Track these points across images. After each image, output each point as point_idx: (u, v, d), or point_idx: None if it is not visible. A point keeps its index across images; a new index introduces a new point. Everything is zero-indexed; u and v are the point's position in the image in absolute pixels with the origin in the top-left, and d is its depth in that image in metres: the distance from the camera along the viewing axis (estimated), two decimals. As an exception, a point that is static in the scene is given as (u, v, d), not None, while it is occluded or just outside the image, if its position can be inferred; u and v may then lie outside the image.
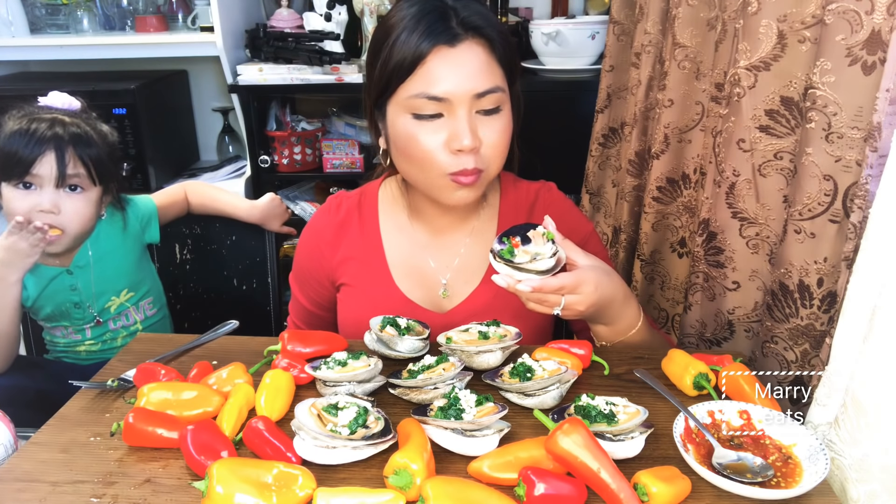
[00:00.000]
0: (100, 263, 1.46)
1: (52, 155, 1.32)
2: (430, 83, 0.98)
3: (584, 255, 1.00)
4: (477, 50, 0.99)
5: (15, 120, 1.34)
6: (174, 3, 2.43)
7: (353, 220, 1.20)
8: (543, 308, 0.97)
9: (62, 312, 1.46)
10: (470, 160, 1.00)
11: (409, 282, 1.18)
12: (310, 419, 0.82)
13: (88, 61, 2.40)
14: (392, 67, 1.00)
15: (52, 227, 1.34)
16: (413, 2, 1.02)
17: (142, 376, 0.98)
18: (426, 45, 0.97)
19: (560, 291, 0.95)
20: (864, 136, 0.96)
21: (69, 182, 1.35)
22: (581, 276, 0.96)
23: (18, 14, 2.36)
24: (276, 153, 2.24)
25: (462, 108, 0.98)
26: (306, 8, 2.35)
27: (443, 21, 0.98)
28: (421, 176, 1.05)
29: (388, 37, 1.01)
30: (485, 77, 0.99)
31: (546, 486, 0.73)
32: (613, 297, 1.01)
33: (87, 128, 1.38)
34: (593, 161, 1.89)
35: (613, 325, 1.07)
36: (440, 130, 1.00)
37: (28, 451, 0.86)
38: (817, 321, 1.08)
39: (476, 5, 1.02)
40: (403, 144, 1.03)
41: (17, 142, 1.31)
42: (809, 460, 0.80)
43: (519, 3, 2.37)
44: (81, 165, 1.36)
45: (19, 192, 1.34)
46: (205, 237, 1.70)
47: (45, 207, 1.33)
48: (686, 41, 1.37)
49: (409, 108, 1.00)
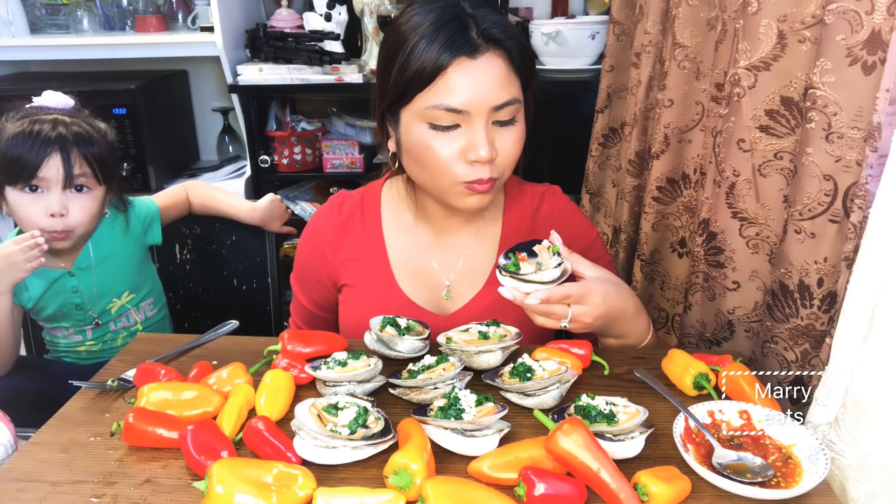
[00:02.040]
0: (102, 266, 1.46)
1: (57, 156, 1.31)
2: (449, 94, 0.97)
3: (592, 267, 1.00)
4: (497, 62, 0.98)
5: (14, 122, 1.33)
6: (174, 3, 2.43)
7: (356, 221, 1.20)
8: (551, 322, 0.96)
9: (63, 313, 1.46)
10: (486, 170, 1.00)
11: (411, 283, 1.18)
12: (310, 419, 0.82)
13: (88, 61, 2.40)
14: (410, 76, 0.98)
15: (59, 234, 1.34)
16: (430, 7, 1.00)
17: (142, 376, 0.98)
18: (446, 57, 0.96)
19: (566, 301, 0.94)
20: (864, 136, 0.96)
21: (76, 182, 1.35)
22: (588, 287, 0.95)
23: (18, 14, 2.36)
24: (276, 153, 2.24)
25: (480, 119, 0.98)
26: (306, 8, 2.35)
27: (463, 32, 0.97)
28: (433, 183, 1.05)
29: (404, 43, 0.99)
30: (503, 89, 0.98)
31: (546, 486, 0.73)
32: (623, 310, 1.01)
33: (87, 126, 1.38)
34: (593, 161, 1.89)
35: (623, 339, 1.06)
36: (456, 140, 0.99)
37: (28, 451, 0.86)
38: (817, 321, 1.07)
39: (495, 15, 1.01)
40: (418, 153, 1.02)
41: (21, 145, 1.30)
42: (809, 460, 0.80)
43: (519, 3, 2.37)
44: (86, 165, 1.35)
45: (26, 196, 1.33)
46: (205, 237, 1.70)
47: (55, 210, 1.33)
48: (686, 41, 1.37)
49: (426, 118, 0.99)
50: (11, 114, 1.36)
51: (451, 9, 0.99)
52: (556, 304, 0.94)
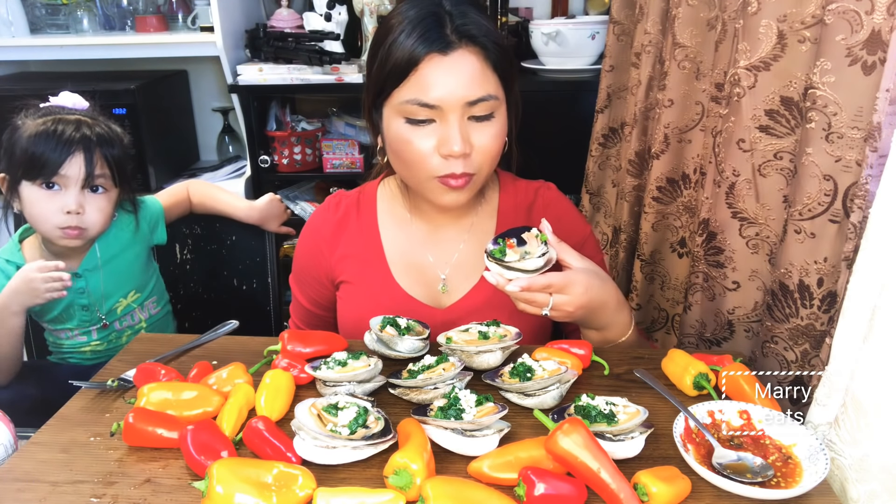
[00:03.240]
0: (108, 266, 1.46)
1: (80, 156, 1.32)
2: (422, 90, 0.99)
3: (578, 257, 1.01)
4: (470, 58, 1.00)
5: (35, 120, 1.34)
6: (174, 3, 2.43)
7: (352, 218, 1.21)
8: (532, 308, 0.98)
9: (69, 314, 1.46)
10: (459, 165, 1.01)
11: (408, 278, 1.18)
12: (310, 419, 0.82)
13: (88, 61, 2.40)
14: (387, 71, 1.01)
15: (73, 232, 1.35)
16: (412, 4, 1.02)
17: (142, 376, 0.98)
18: (419, 52, 0.98)
19: (548, 290, 0.96)
20: (864, 136, 0.96)
21: (94, 183, 1.36)
22: (570, 277, 0.97)
23: (18, 14, 2.36)
24: (276, 153, 2.24)
25: (454, 114, 0.99)
26: (306, 8, 2.35)
27: (438, 28, 0.99)
28: (412, 177, 1.07)
29: (385, 38, 1.02)
30: (477, 85, 0.99)
31: (546, 486, 0.73)
32: (605, 303, 1.02)
33: (108, 129, 1.39)
34: (593, 161, 1.89)
35: (604, 332, 1.07)
36: (432, 135, 1.01)
37: (28, 451, 0.86)
38: (817, 321, 1.08)
39: (472, 13, 1.02)
40: (397, 147, 1.04)
41: (46, 143, 1.31)
42: (809, 460, 0.80)
43: (519, 3, 2.37)
44: (106, 166, 1.37)
45: (43, 193, 1.34)
46: (205, 237, 1.70)
47: (72, 208, 1.33)
48: (686, 41, 1.37)
49: (403, 113, 1.01)
50: (31, 112, 1.36)
51: (431, 6, 1.01)
52: (538, 292, 0.96)
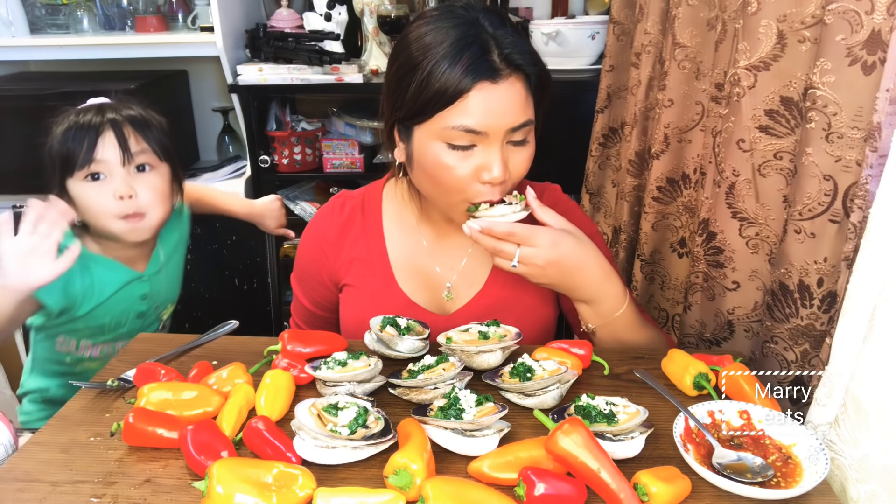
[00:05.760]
0: (166, 267, 1.38)
1: (111, 135, 1.24)
2: (468, 116, 0.97)
3: (557, 219, 1.03)
4: (517, 86, 0.99)
5: (61, 120, 1.27)
6: (174, 3, 2.43)
7: (357, 222, 1.20)
8: (501, 261, 1.00)
9: (118, 323, 1.33)
10: (496, 192, 1.01)
11: (412, 284, 1.18)
12: (310, 419, 0.82)
13: (88, 61, 2.39)
14: (430, 97, 0.97)
15: (135, 217, 1.26)
16: (448, 23, 0.99)
17: (142, 376, 0.98)
18: (468, 81, 0.95)
19: (510, 238, 0.98)
20: (864, 136, 0.96)
21: (136, 161, 1.27)
22: (537, 230, 0.99)
23: (18, 14, 2.36)
24: (276, 153, 2.24)
25: (496, 140, 0.99)
26: (306, 8, 2.35)
27: (485, 55, 0.96)
28: (442, 198, 1.06)
29: (422, 60, 0.97)
30: (521, 112, 0.99)
31: (546, 486, 0.73)
32: (581, 264, 1.02)
33: (136, 109, 1.31)
34: (593, 161, 1.89)
35: (595, 305, 1.07)
36: (471, 159, 1.00)
37: (28, 451, 0.86)
38: (817, 321, 1.07)
39: (515, 37, 1.00)
40: (433, 170, 1.02)
41: (72, 135, 1.23)
42: (809, 460, 0.80)
43: (519, 3, 2.37)
44: (143, 141, 1.28)
45: (90, 186, 1.25)
46: (205, 237, 1.70)
47: (123, 191, 1.24)
48: (686, 41, 1.37)
49: (444, 137, 0.99)
50: (59, 118, 1.29)
51: (471, 28, 0.98)
52: (504, 241, 0.98)
